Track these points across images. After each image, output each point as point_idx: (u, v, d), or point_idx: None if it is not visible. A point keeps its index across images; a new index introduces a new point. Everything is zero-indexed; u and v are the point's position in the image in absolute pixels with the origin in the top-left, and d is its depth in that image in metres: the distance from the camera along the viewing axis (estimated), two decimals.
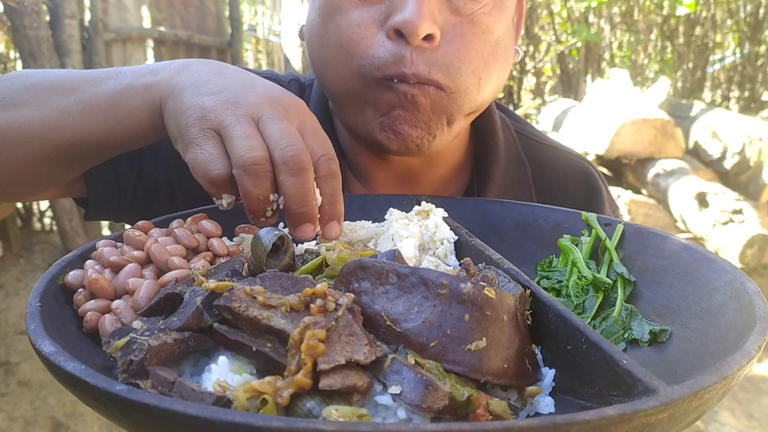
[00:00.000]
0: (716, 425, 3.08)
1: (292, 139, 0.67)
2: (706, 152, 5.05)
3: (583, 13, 7.16)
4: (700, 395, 0.44)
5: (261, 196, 0.66)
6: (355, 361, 0.48)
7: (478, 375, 0.51)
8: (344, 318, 0.50)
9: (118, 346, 0.51)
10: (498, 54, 0.92)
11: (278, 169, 0.66)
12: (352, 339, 0.49)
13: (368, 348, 0.49)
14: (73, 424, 2.86)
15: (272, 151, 0.66)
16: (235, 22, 5.60)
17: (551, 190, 1.14)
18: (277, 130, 0.68)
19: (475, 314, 0.52)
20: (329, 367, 0.46)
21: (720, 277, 0.65)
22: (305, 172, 0.67)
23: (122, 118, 0.78)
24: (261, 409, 0.45)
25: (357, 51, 0.86)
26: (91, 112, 0.80)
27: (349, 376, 0.47)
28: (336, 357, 0.47)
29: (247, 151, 0.65)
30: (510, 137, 1.15)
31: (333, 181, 0.71)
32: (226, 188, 0.67)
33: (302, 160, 0.66)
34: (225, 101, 0.70)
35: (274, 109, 0.70)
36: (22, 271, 3.91)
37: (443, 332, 0.51)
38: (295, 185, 0.66)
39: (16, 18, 3.72)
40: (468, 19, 0.87)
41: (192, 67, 0.76)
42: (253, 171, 0.65)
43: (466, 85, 0.88)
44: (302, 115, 0.73)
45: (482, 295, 0.53)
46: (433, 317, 0.52)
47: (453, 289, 0.52)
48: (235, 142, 0.66)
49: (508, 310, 0.55)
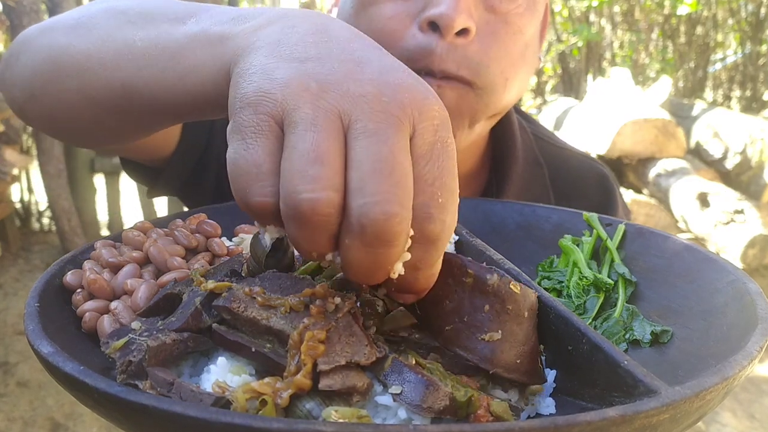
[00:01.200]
0: (718, 426, 3.08)
1: (390, 185, 0.42)
2: (707, 152, 5.05)
3: (584, 12, 7.16)
4: (701, 396, 0.44)
5: (313, 253, 0.45)
6: (356, 362, 0.48)
7: (488, 365, 0.51)
8: (344, 319, 0.50)
9: (117, 346, 0.51)
10: (526, 57, 0.92)
11: (348, 228, 0.43)
12: (353, 340, 0.49)
13: (368, 349, 0.49)
14: (72, 424, 2.86)
15: (349, 195, 0.42)
16: None
17: (567, 192, 1.14)
18: (369, 158, 0.42)
19: (496, 306, 0.52)
20: (329, 368, 0.46)
21: (722, 277, 0.65)
22: (387, 248, 0.43)
23: (183, 73, 0.57)
24: (260, 410, 0.45)
25: (386, 42, 0.83)
26: (153, 54, 0.60)
27: (349, 376, 0.47)
28: (336, 358, 0.47)
29: (307, 188, 0.42)
30: (527, 139, 1.16)
31: (424, 249, 0.45)
32: (272, 219, 0.46)
33: (390, 231, 0.42)
34: (309, 77, 0.46)
35: (381, 111, 0.44)
36: (20, 271, 3.91)
37: (460, 318, 0.52)
38: (364, 259, 0.44)
39: (15, 17, 3.72)
40: (502, 18, 0.87)
41: (287, 20, 0.53)
42: (307, 221, 0.42)
43: (494, 84, 0.88)
44: (423, 122, 0.46)
45: (507, 288, 0.53)
46: (453, 303, 0.53)
47: (478, 277, 0.53)
48: (295, 161, 0.42)
49: (530, 307, 0.55)
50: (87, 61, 0.64)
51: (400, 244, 0.43)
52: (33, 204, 4.82)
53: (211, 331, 0.52)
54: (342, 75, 0.46)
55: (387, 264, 0.44)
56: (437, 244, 0.45)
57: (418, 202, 0.44)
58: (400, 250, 0.44)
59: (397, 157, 0.43)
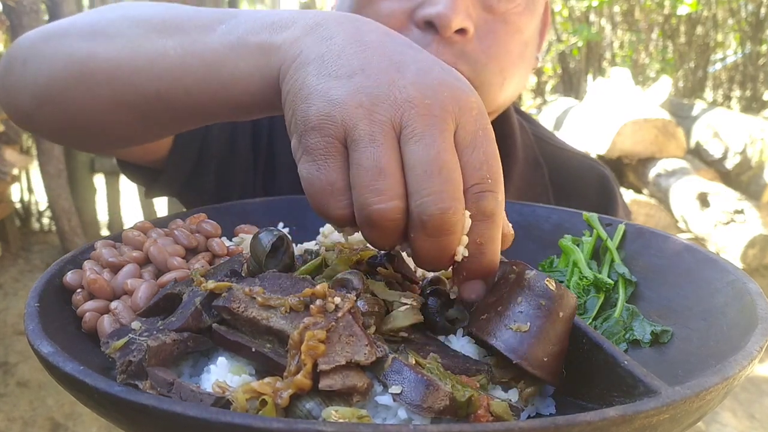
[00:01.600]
0: (718, 426, 3.08)
1: (440, 184, 0.49)
2: (707, 152, 5.05)
3: (584, 12, 7.16)
4: (701, 396, 0.44)
5: (387, 247, 0.54)
6: (356, 361, 0.47)
7: (513, 355, 0.51)
8: (344, 318, 0.50)
9: (117, 346, 0.51)
10: (525, 56, 0.92)
11: (412, 224, 0.51)
12: (352, 339, 0.49)
13: (368, 349, 0.49)
14: (72, 424, 2.86)
15: (410, 196, 0.50)
16: None
17: (567, 192, 1.14)
18: (420, 162, 0.49)
19: (529, 299, 0.53)
20: (329, 368, 0.46)
21: (721, 277, 0.65)
22: (447, 236, 0.50)
23: (228, 83, 0.61)
24: (260, 410, 0.45)
25: None
26: (191, 64, 0.63)
27: (349, 376, 0.47)
28: (336, 357, 0.47)
29: (375, 200, 0.49)
30: (527, 139, 1.16)
31: (485, 225, 0.52)
32: (349, 225, 0.54)
33: (447, 221, 0.49)
34: (359, 92, 0.51)
35: (426, 114, 0.50)
36: (20, 271, 3.91)
37: (495, 309, 0.54)
38: (430, 248, 0.51)
39: (15, 17, 3.72)
40: (500, 18, 0.87)
41: (323, 29, 0.57)
42: (378, 226, 0.51)
43: (490, 82, 0.88)
44: (464, 115, 0.52)
45: (541, 282, 0.54)
46: (494, 296, 0.55)
47: (520, 272, 0.55)
48: (363, 177, 0.50)
49: (566, 308, 0.54)
50: (117, 69, 0.66)
51: (457, 231, 0.51)
52: (33, 204, 4.82)
53: (211, 331, 0.52)
54: (387, 85, 0.51)
55: (449, 250, 0.51)
56: (494, 218, 0.52)
57: (470, 187, 0.51)
58: (459, 235, 0.51)
59: (443, 156, 0.50)
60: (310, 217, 0.85)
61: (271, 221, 0.85)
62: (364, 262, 0.62)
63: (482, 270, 0.54)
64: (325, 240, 0.80)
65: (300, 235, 0.82)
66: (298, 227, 0.85)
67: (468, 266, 0.54)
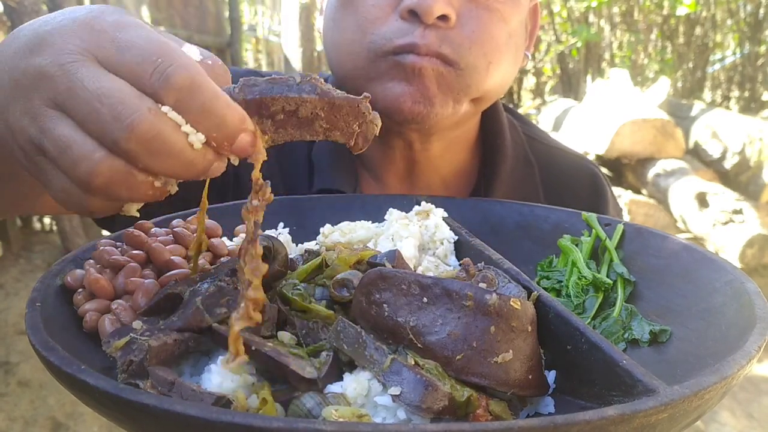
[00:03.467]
0: (716, 425, 3.08)
1: (110, 108, 0.46)
2: (706, 152, 5.05)
3: (583, 13, 7.17)
4: (700, 395, 0.44)
5: (147, 191, 0.49)
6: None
7: (506, 388, 0.50)
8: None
9: (118, 346, 0.51)
10: (510, 45, 0.95)
11: (129, 159, 0.47)
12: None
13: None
14: (73, 424, 2.86)
15: (101, 141, 0.47)
16: (234, 22, 5.60)
17: (558, 191, 1.15)
18: (82, 109, 0.47)
19: (501, 326, 0.51)
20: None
21: (720, 277, 0.65)
22: (157, 140, 0.46)
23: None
24: (261, 409, 0.45)
25: (370, 29, 0.89)
26: None
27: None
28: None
29: (79, 169, 0.47)
30: (517, 138, 1.16)
31: (194, 96, 0.47)
32: (108, 209, 0.52)
33: (139, 129, 0.46)
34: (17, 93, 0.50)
35: (59, 76, 0.48)
36: (21, 271, 3.91)
37: (469, 345, 0.50)
38: (162, 162, 0.48)
39: (15, 18, 3.72)
40: (483, 5, 0.91)
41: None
42: (110, 186, 0.48)
43: (475, 65, 0.90)
44: (86, 35, 0.49)
45: (508, 306, 0.51)
46: (458, 330, 0.50)
47: (478, 300, 0.51)
48: (60, 163, 0.48)
49: (532, 320, 0.54)
50: None
51: (167, 131, 0.47)
52: None
53: (211, 330, 0.53)
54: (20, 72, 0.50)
55: (164, 134, 0.47)
56: (194, 84, 0.48)
57: (147, 82, 0.48)
58: (173, 133, 0.47)
59: (97, 84, 0.47)
60: (310, 217, 0.85)
61: (271, 221, 0.85)
62: (365, 262, 0.62)
63: (234, 125, 0.49)
64: (325, 240, 0.80)
65: (300, 235, 0.82)
66: (298, 227, 0.85)
67: (216, 139, 0.49)
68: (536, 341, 0.54)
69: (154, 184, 0.49)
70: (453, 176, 1.11)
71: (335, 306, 0.58)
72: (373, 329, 0.52)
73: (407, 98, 0.88)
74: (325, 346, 0.53)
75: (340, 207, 0.91)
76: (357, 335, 0.51)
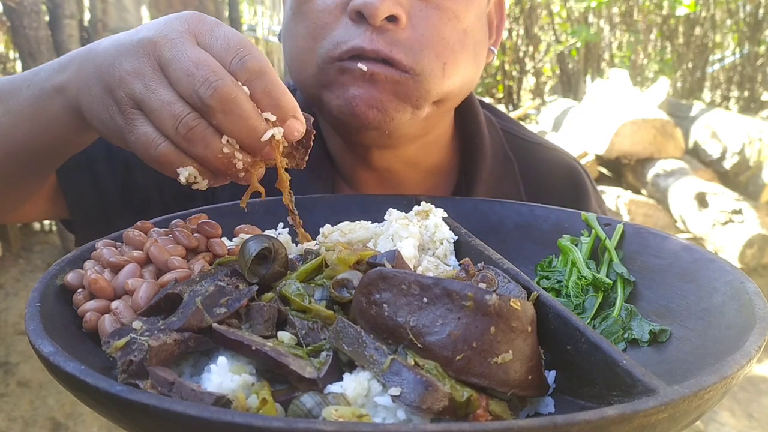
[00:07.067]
0: (716, 425, 3.08)
1: (201, 74, 0.60)
2: (705, 152, 5.05)
3: (582, 13, 7.17)
4: (700, 395, 0.44)
5: (217, 152, 0.61)
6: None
7: (505, 388, 0.50)
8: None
9: (118, 346, 0.51)
10: (466, 43, 0.91)
11: (207, 115, 0.60)
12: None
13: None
14: (73, 424, 2.86)
15: (189, 99, 0.60)
16: (234, 22, 5.59)
17: (538, 186, 1.14)
18: (180, 70, 0.61)
19: (501, 326, 0.51)
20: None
21: (720, 277, 0.65)
22: (233, 102, 0.60)
23: (46, 126, 0.76)
24: (261, 409, 0.45)
25: (320, 35, 0.87)
26: (17, 123, 0.77)
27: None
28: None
29: (174, 120, 0.60)
30: (496, 135, 1.15)
31: (260, 80, 0.62)
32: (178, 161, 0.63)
33: (224, 93, 0.59)
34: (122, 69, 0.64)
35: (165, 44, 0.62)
36: (21, 271, 3.91)
37: (469, 345, 0.50)
38: (232, 122, 0.61)
39: (15, 18, 3.72)
40: (433, 4, 0.88)
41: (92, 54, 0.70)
42: (191, 137, 0.60)
43: (430, 68, 0.87)
44: (189, 24, 0.64)
45: (508, 306, 0.51)
46: (458, 330, 0.50)
47: (478, 300, 0.51)
48: (157, 115, 0.61)
49: (532, 320, 0.54)
50: None
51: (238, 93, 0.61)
52: None
53: (211, 330, 0.53)
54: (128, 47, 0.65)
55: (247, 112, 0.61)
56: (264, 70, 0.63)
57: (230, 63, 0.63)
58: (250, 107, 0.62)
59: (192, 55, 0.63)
60: (310, 217, 0.85)
61: (271, 221, 0.85)
62: (364, 262, 0.62)
63: (286, 112, 0.63)
64: (325, 240, 0.80)
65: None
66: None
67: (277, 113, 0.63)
68: (536, 341, 0.54)
69: (223, 150, 0.61)
70: (432, 177, 1.09)
71: (335, 306, 0.58)
72: (372, 329, 0.52)
73: (359, 102, 0.85)
74: (324, 346, 0.53)
75: (339, 207, 0.91)
76: (357, 335, 0.51)
